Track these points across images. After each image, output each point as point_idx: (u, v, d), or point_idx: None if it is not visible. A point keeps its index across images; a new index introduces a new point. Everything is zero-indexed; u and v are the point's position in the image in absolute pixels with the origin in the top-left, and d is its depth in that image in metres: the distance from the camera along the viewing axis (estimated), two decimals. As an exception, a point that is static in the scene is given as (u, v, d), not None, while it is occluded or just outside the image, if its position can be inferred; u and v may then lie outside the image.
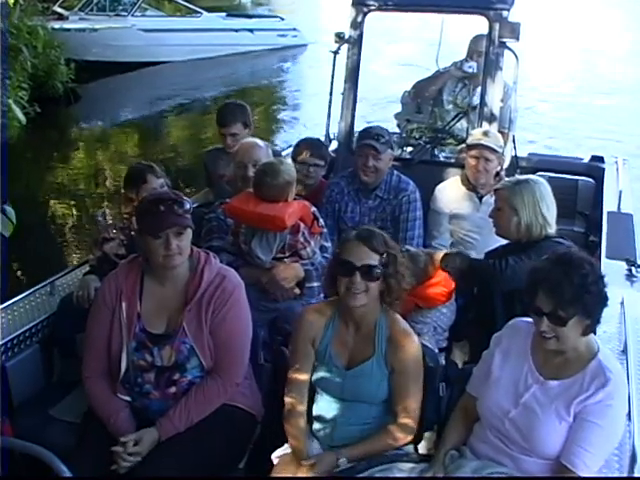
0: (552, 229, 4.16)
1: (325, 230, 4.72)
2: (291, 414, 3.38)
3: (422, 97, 6.83)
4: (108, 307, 3.52)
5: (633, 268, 4.74)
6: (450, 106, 6.59)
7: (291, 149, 6.02)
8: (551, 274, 2.90)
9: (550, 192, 4.23)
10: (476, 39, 6.41)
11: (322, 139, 6.28)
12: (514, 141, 6.18)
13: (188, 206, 3.45)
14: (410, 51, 19.32)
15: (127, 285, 3.53)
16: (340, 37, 6.34)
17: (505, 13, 5.75)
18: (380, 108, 10.93)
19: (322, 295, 4.38)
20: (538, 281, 2.93)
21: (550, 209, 4.17)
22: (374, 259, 3.25)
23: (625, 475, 3.05)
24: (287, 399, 3.40)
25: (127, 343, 3.46)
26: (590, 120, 15.03)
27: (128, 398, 3.47)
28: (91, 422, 3.49)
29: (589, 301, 2.88)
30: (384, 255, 3.27)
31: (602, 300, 2.93)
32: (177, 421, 3.40)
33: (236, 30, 21.49)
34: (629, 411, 3.17)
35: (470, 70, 6.34)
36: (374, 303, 3.33)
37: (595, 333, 3.04)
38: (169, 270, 3.47)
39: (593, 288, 2.89)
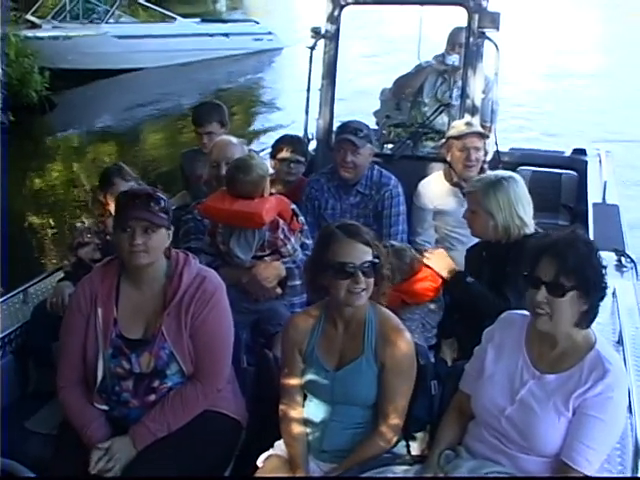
0: (530, 228, 4.01)
1: (306, 227, 4.61)
2: (285, 421, 3.27)
3: (402, 93, 6.75)
4: (83, 313, 3.37)
5: (622, 258, 4.70)
6: (430, 101, 6.51)
7: (269, 149, 5.92)
8: (558, 242, 2.83)
9: (525, 189, 4.09)
10: (456, 31, 6.35)
11: (301, 137, 6.17)
12: (496, 135, 6.08)
13: (164, 204, 3.31)
14: (371, 46, 19.47)
15: (102, 289, 3.38)
16: (316, 32, 6.24)
17: (484, 3, 5.67)
18: (352, 103, 10.82)
19: (305, 294, 4.30)
20: (543, 248, 2.85)
21: (526, 209, 4.03)
22: (369, 254, 3.12)
23: (629, 472, 2.96)
24: (280, 406, 3.29)
25: (103, 350, 3.32)
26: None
27: (105, 407, 3.33)
28: (67, 433, 3.34)
29: (591, 275, 2.78)
30: (373, 247, 3.15)
31: (601, 283, 2.83)
32: (152, 427, 3.26)
33: (211, 35, 21.59)
34: (629, 403, 3.08)
35: (452, 63, 6.27)
36: None
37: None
38: (143, 271, 3.33)
39: (596, 263, 2.81)
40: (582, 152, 7.04)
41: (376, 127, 6.77)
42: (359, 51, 18.09)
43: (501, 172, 4.31)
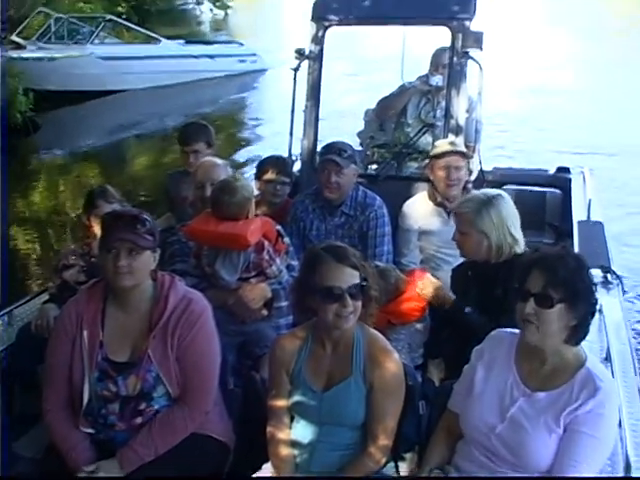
0: (521, 247, 3.98)
1: (291, 248, 4.60)
2: (272, 443, 3.23)
3: (386, 114, 6.74)
4: (68, 335, 3.34)
5: (608, 275, 4.69)
6: (414, 122, 6.50)
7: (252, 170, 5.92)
8: (547, 255, 2.88)
9: (513, 206, 4.08)
10: (439, 52, 6.35)
11: (286, 158, 6.16)
12: (480, 154, 6.10)
13: (150, 226, 3.29)
14: (353, 65, 19.59)
15: (88, 311, 3.36)
16: (300, 54, 6.24)
17: (467, 23, 5.70)
18: (332, 122, 10.85)
19: (291, 316, 4.28)
20: (533, 261, 2.87)
21: (516, 225, 4.02)
22: (356, 277, 3.10)
23: None
24: (268, 428, 3.25)
25: (89, 373, 3.28)
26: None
27: (91, 430, 3.29)
28: (52, 457, 3.31)
29: (580, 288, 2.79)
30: (361, 269, 3.13)
31: (590, 299, 2.85)
32: (140, 450, 3.22)
33: (196, 57, 21.60)
34: (619, 419, 3.07)
35: (435, 84, 6.26)
36: None
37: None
38: (129, 293, 3.31)
39: (585, 277, 2.84)
40: (566, 170, 7.06)
41: (360, 148, 6.74)
42: (341, 70, 18.20)
43: (488, 190, 4.28)
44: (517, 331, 2.99)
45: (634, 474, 3.01)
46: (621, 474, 3.00)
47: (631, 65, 22.20)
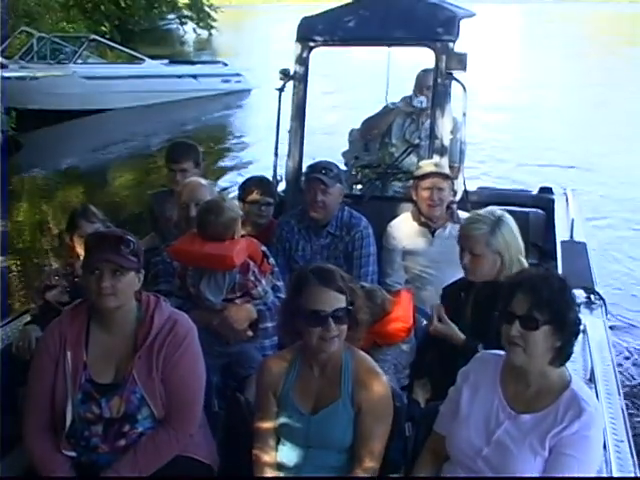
0: (525, 264, 3.97)
1: (276, 269, 4.60)
2: (258, 465, 3.21)
3: (370, 135, 6.76)
4: (51, 357, 3.30)
5: (592, 295, 4.71)
6: (398, 142, 6.52)
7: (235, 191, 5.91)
8: (532, 277, 2.89)
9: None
10: (423, 74, 6.39)
11: (269, 178, 6.16)
12: (464, 175, 6.12)
13: (134, 247, 3.27)
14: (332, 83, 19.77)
15: (72, 332, 3.32)
16: (285, 74, 6.25)
17: (451, 44, 5.73)
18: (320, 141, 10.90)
19: (276, 337, 4.28)
20: (517, 283, 2.88)
21: (520, 242, 4.01)
22: (342, 300, 3.10)
23: None
24: (254, 450, 3.23)
25: (72, 395, 3.24)
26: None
27: (73, 453, 3.25)
28: (33, 480, 3.27)
29: (564, 310, 2.80)
30: (348, 293, 3.13)
31: (575, 320, 2.85)
32: (124, 473, 3.18)
33: (179, 76, 21.67)
34: (604, 441, 3.07)
35: (419, 105, 6.29)
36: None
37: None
38: (113, 314, 3.28)
39: (569, 299, 2.84)
40: (549, 190, 7.12)
41: (345, 168, 6.71)
42: (322, 89, 18.36)
43: (493, 209, 4.21)
44: (502, 353, 2.99)
45: None
46: None
47: (600, 85, 23.48)
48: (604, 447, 3.08)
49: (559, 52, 32.16)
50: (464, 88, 5.75)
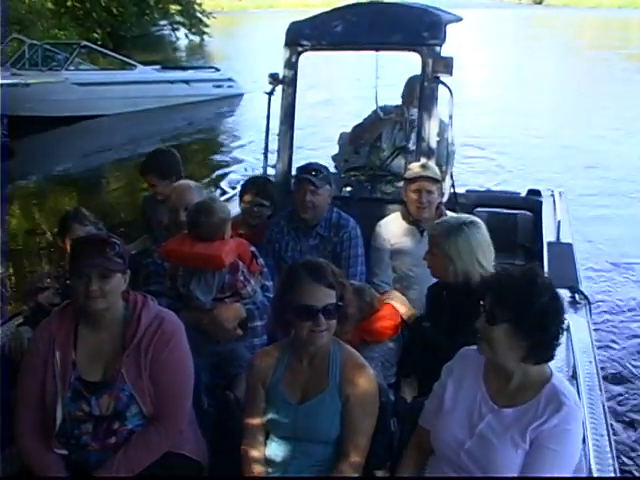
0: (487, 272, 3.94)
1: (265, 269, 4.65)
2: (246, 461, 3.26)
3: (359, 142, 6.79)
4: (41, 357, 3.35)
5: (577, 295, 4.76)
6: (388, 147, 6.55)
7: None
8: (501, 275, 2.97)
9: (486, 234, 4.14)
10: (413, 81, 6.37)
11: (271, 180, 6.18)
12: (452, 177, 6.18)
13: (118, 249, 3.32)
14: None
15: (60, 333, 3.37)
16: (274, 78, 6.30)
17: (438, 49, 5.78)
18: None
19: (265, 336, 4.35)
20: (489, 280, 3.01)
21: (487, 254, 4.07)
22: (332, 296, 3.17)
23: None
24: (242, 446, 3.28)
25: (62, 393, 3.29)
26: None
27: (64, 452, 3.29)
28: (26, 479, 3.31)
29: (527, 313, 2.82)
30: (338, 288, 3.19)
31: (542, 324, 2.84)
32: (117, 471, 3.23)
33: (171, 82, 21.59)
34: (583, 435, 3.11)
35: (411, 116, 6.29)
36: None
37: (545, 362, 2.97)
38: (100, 314, 3.33)
39: (538, 302, 2.84)
40: (537, 193, 7.15)
41: (335, 171, 6.77)
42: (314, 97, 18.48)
43: (463, 216, 4.34)
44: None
45: None
46: None
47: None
48: (583, 442, 3.10)
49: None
50: (450, 91, 5.80)
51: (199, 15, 42.01)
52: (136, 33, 39.33)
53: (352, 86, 20.80)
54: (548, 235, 5.99)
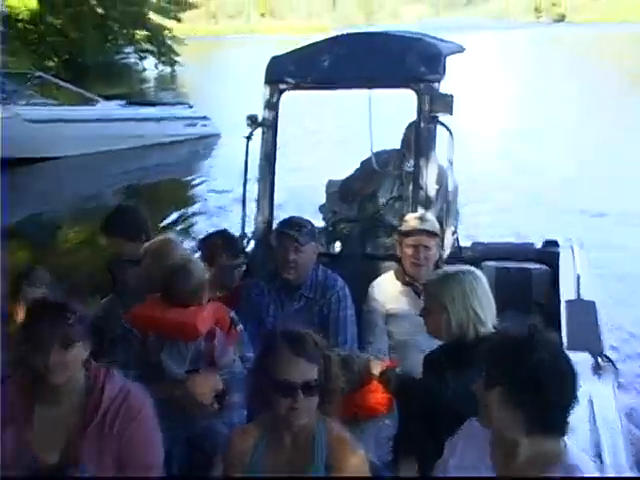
0: (486, 327, 4.08)
1: (245, 336, 4.70)
2: None
3: (351, 197, 6.87)
4: None
5: (599, 359, 4.73)
6: (386, 200, 6.62)
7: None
8: (495, 337, 3.17)
9: (485, 286, 4.19)
10: (411, 126, 6.40)
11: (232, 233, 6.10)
12: (455, 229, 6.24)
13: (79, 314, 3.41)
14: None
15: (15, 408, 3.43)
16: (253, 120, 6.36)
17: (436, 85, 5.83)
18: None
19: (245, 410, 4.36)
20: (487, 339, 3.20)
21: (483, 303, 4.12)
22: (313, 371, 3.24)
23: None
24: None
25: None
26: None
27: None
28: None
29: (520, 377, 2.89)
30: (320, 361, 3.28)
31: (538, 390, 2.88)
32: None
33: (138, 119, 21.57)
34: None
35: (410, 169, 6.29)
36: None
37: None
38: (59, 387, 3.39)
39: (531, 364, 2.89)
40: (554, 244, 7.10)
41: (322, 223, 6.83)
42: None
43: (461, 266, 4.42)
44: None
45: None
46: None
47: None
48: None
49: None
50: (450, 133, 5.85)
51: (169, 42, 41.98)
52: (98, 61, 39.04)
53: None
54: (567, 291, 5.94)
